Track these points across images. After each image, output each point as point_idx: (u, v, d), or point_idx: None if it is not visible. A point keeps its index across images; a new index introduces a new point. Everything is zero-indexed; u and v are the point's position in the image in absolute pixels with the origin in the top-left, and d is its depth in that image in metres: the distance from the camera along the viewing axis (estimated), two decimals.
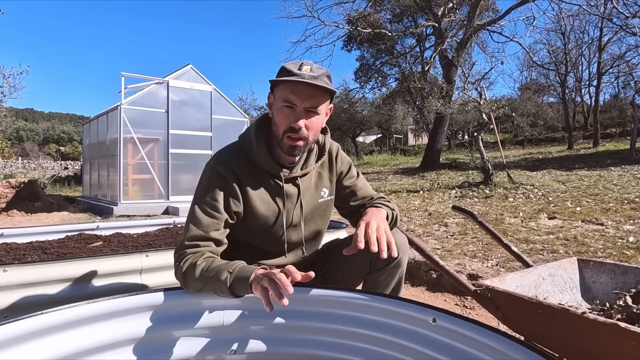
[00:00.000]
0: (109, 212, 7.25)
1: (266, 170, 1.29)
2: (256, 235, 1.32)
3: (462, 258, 3.13)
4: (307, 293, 1.12)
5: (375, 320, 1.10)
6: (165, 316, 1.11)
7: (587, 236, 3.52)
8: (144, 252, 1.80)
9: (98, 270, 1.68)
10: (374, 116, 23.40)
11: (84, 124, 10.79)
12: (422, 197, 7.04)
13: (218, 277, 1.08)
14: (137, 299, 1.09)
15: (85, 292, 1.62)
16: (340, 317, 1.13)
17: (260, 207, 1.29)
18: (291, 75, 1.17)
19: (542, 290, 1.40)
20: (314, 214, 1.40)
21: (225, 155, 1.29)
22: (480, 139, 7.49)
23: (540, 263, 1.75)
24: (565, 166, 9.93)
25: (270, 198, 1.30)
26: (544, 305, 1.07)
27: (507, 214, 4.85)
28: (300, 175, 1.34)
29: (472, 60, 13.91)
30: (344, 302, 1.13)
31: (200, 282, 1.10)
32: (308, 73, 1.17)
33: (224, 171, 1.24)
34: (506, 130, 28.55)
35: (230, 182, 1.24)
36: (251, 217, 1.29)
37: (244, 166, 1.27)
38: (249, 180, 1.27)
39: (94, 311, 1.03)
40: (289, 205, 1.33)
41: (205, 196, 1.23)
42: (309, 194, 1.38)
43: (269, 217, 1.30)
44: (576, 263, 1.50)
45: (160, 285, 1.77)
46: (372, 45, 20.00)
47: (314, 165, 1.38)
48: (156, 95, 7.81)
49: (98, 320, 1.04)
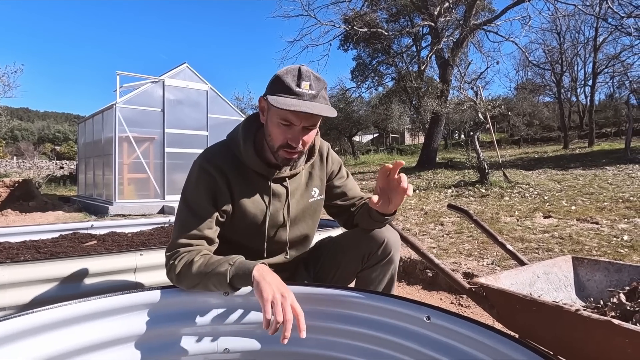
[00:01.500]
0: (104, 211, 7.22)
1: (254, 170, 1.28)
2: (243, 233, 1.31)
3: (457, 257, 3.13)
4: (300, 290, 1.12)
5: (369, 318, 1.10)
6: (159, 315, 1.10)
7: (582, 235, 3.54)
8: (138, 250, 1.79)
9: (91, 269, 1.67)
10: (371, 116, 23.42)
11: (79, 123, 10.74)
12: (418, 196, 7.05)
13: (218, 270, 1.08)
14: (131, 297, 1.08)
15: (78, 291, 1.60)
16: (334, 315, 1.13)
17: (249, 205, 1.28)
18: (289, 94, 1.12)
19: (536, 288, 1.41)
20: (304, 214, 1.39)
21: (212, 154, 1.28)
22: (476, 139, 7.50)
23: (535, 261, 1.75)
24: (561, 165, 9.97)
25: (258, 197, 1.30)
26: (538, 302, 1.07)
27: (502, 213, 4.86)
28: (288, 176, 1.33)
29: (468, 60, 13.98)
30: (337, 300, 1.13)
31: (197, 278, 1.10)
32: (307, 91, 1.12)
33: (212, 169, 1.23)
34: (502, 130, 28.65)
35: (218, 180, 1.23)
36: (239, 216, 1.28)
37: (232, 165, 1.26)
38: (237, 179, 1.26)
39: (86, 310, 1.02)
40: (277, 204, 1.32)
41: (194, 195, 1.22)
42: (298, 194, 1.37)
43: (257, 215, 1.29)
44: (571, 261, 1.50)
45: (155, 284, 1.76)
46: (369, 44, 20.05)
47: (303, 165, 1.37)
48: (152, 94, 7.78)
49: (90, 319, 1.03)
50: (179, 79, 8.07)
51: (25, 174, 17.50)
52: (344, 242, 1.43)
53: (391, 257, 1.37)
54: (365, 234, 1.38)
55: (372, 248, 1.36)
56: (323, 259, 1.46)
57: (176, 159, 7.99)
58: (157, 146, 7.89)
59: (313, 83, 1.14)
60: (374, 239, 1.36)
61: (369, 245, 1.36)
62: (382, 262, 1.36)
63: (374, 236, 1.36)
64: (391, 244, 1.36)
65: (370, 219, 1.35)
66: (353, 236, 1.42)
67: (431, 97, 11.72)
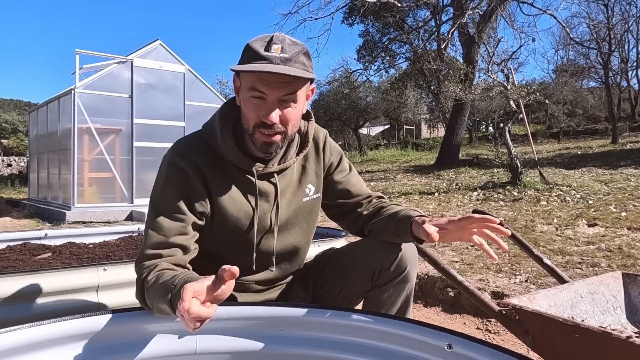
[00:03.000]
0: (61, 217, 7.22)
1: (235, 165, 1.27)
2: (224, 242, 1.30)
3: (484, 273, 3.13)
4: (297, 313, 1.12)
5: (379, 347, 1.09)
6: (123, 342, 1.10)
7: (634, 247, 3.54)
8: (102, 265, 1.79)
9: (45, 287, 1.66)
10: (381, 103, 23.43)
11: (30, 112, 10.74)
12: (437, 200, 7.05)
13: (162, 295, 1.02)
14: (92, 321, 1.08)
15: (29, 314, 1.60)
16: (337, 342, 1.13)
17: (230, 207, 1.27)
18: (258, 59, 1.12)
19: (579, 310, 1.41)
20: (297, 217, 1.38)
21: (185, 146, 1.28)
22: (507, 131, 7.51)
23: (578, 278, 1.75)
24: (609, 163, 9.98)
25: (242, 197, 1.29)
26: (581, 328, 1.07)
27: (538, 221, 4.87)
28: (277, 171, 1.32)
29: (497, 37, 13.95)
30: (342, 325, 1.13)
31: (151, 302, 1.07)
32: (278, 55, 1.13)
33: (185, 164, 1.23)
34: (538, 121, 28.69)
35: (192, 177, 1.23)
36: (219, 220, 1.27)
37: (208, 159, 1.26)
38: (216, 175, 1.26)
39: (38, 336, 1.01)
40: (264, 206, 1.31)
41: (164, 195, 1.22)
42: (290, 193, 1.36)
43: (241, 219, 1.28)
44: (621, 278, 1.50)
45: (121, 305, 1.76)
46: (378, 18, 20.04)
47: (294, 158, 1.35)
48: (118, 77, 7.78)
49: (42, 347, 1.02)
50: (150, 58, 8.07)
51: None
52: (349, 255, 1.43)
53: (407, 275, 1.36)
54: (375, 245, 1.37)
55: (384, 263, 1.34)
56: (325, 275, 1.46)
57: (147, 155, 7.99)
58: (125, 139, 7.89)
59: (286, 47, 1.15)
60: (387, 252, 1.35)
61: (380, 260, 1.35)
62: (395, 280, 1.36)
63: (387, 248, 1.35)
64: (407, 258, 1.36)
65: (397, 236, 1.32)
66: (361, 247, 1.42)
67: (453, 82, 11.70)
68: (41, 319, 1.03)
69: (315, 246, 2.14)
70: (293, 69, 1.13)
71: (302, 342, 0.99)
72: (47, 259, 2.33)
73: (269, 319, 1.16)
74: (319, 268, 1.49)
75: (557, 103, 21.20)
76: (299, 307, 1.17)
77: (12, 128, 48.03)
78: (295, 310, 1.14)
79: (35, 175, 9.83)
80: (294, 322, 1.02)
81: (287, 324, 1.14)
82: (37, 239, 2.73)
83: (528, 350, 1.53)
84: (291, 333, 1.15)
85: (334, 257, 1.48)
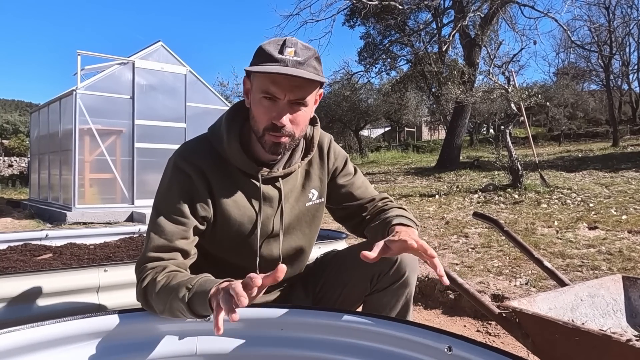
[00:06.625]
0: (62, 218, 7.22)
1: (240, 169, 1.28)
2: (228, 246, 1.31)
3: (485, 275, 3.13)
4: (297, 315, 1.12)
5: (378, 349, 1.10)
6: (124, 343, 1.10)
7: (634, 250, 3.54)
8: (102, 266, 1.79)
9: (45, 287, 1.67)
10: (382, 105, 23.45)
11: (31, 113, 10.75)
12: (438, 202, 7.05)
13: (177, 295, 1.04)
14: (93, 322, 1.08)
15: (30, 314, 1.60)
16: (337, 344, 1.13)
17: (234, 211, 1.27)
18: (271, 62, 1.14)
19: (579, 313, 1.41)
20: (300, 221, 1.39)
21: (190, 150, 1.28)
22: (508, 134, 7.51)
23: (579, 281, 1.75)
24: (610, 166, 9.97)
25: (246, 201, 1.29)
26: (581, 331, 1.07)
27: (539, 223, 4.87)
28: (282, 176, 1.32)
29: (498, 40, 13.99)
30: (342, 327, 1.13)
31: (161, 303, 1.08)
32: (292, 58, 1.15)
33: (189, 168, 1.24)
34: (539, 124, 28.70)
35: (196, 182, 1.23)
36: (222, 224, 1.28)
37: (213, 163, 1.26)
38: (220, 179, 1.26)
39: (38, 337, 1.02)
40: (268, 210, 1.32)
41: (167, 199, 1.23)
42: (293, 197, 1.37)
43: (244, 223, 1.29)
44: (621, 281, 1.51)
45: (121, 306, 1.76)
46: (380, 20, 20.05)
47: (299, 163, 1.36)
48: (119, 79, 7.79)
49: (43, 347, 1.03)
50: (152, 60, 8.08)
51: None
52: (349, 258, 1.42)
53: (406, 280, 1.36)
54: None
55: (383, 267, 1.34)
56: (325, 278, 1.46)
57: (148, 156, 7.99)
58: (126, 140, 7.89)
59: (299, 50, 1.17)
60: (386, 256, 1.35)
61: (379, 264, 1.34)
62: (394, 285, 1.35)
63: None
64: (406, 263, 1.35)
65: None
66: (360, 250, 1.41)
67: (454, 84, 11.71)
68: (42, 320, 1.03)
69: (316, 248, 2.14)
70: (307, 72, 1.14)
71: (302, 344, 0.99)
72: (48, 259, 2.33)
73: (270, 320, 1.16)
74: (320, 270, 1.49)
75: (558, 106, 21.18)
76: (300, 308, 1.17)
77: (14, 129, 48.15)
78: (295, 311, 1.14)
79: (36, 175, 9.84)
80: (294, 324, 1.02)
81: (288, 326, 1.15)
82: (38, 239, 2.73)
83: (528, 353, 1.53)
84: (291, 335, 1.15)
85: (334, 260, 1.48)
